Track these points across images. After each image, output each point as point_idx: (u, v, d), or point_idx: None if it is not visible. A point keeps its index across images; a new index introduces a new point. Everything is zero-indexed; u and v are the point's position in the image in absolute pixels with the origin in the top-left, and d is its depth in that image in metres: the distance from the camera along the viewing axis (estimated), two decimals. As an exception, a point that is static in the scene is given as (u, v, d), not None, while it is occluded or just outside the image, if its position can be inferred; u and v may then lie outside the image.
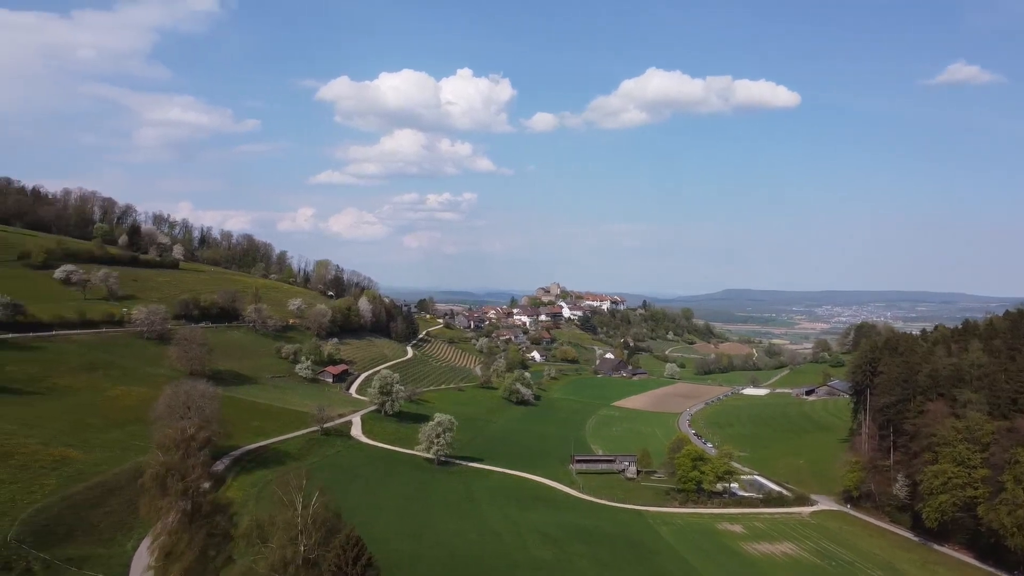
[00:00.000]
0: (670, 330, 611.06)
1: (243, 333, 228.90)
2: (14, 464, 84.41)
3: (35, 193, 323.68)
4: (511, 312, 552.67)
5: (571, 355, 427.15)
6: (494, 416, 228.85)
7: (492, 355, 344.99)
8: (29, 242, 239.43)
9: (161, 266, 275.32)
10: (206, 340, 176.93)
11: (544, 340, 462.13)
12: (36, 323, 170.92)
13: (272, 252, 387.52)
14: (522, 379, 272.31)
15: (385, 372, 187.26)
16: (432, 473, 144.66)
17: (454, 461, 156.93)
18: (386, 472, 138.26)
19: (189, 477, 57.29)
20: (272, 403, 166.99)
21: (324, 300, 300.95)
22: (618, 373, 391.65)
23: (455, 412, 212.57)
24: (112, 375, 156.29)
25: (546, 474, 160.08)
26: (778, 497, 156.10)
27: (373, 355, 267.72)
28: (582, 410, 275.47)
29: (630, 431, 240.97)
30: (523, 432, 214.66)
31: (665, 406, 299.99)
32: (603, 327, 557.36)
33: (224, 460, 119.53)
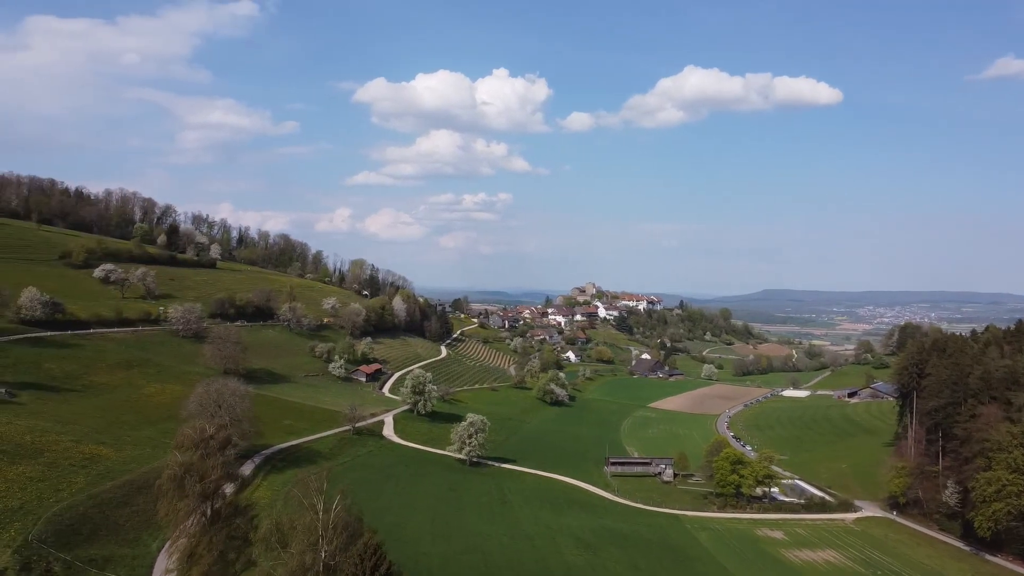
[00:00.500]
0: (708, 331, 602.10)
1: (278, 332, 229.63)
2: (44, 461, 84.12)
3: (78, 194, 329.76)
4: (546, 312, 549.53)
5: (606, 355, 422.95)
6: (528, 417, 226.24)
7: (526, 355, 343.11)
8: (71, 242, 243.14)
9: (198, 265, 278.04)
10: (240, 338, 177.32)
11: (579, 340, 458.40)
12: (74, 321, 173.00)
13: (308, 252, 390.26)
14: (556, 379, 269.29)
15: (418, 371, 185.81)
16: (464, 474, 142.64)
17: (487, 462, 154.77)
18: (418, 472, 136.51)
19: (208, 478, 55.75)
20: (304, 402, 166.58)
21: (359, 299, 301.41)
22: (654, 374, 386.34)
23: (488, 412, 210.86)
24: (148, 373, 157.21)
25: (580, 476, 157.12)
26: (820, 503, 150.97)
27: (407, 354, 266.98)
28: (617, 411, 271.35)
29: (666, 433, 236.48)
30: (557, 433, 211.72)
31: (702, 408, 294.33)
32: (639, 327, 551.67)
33: (255, 459, 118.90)
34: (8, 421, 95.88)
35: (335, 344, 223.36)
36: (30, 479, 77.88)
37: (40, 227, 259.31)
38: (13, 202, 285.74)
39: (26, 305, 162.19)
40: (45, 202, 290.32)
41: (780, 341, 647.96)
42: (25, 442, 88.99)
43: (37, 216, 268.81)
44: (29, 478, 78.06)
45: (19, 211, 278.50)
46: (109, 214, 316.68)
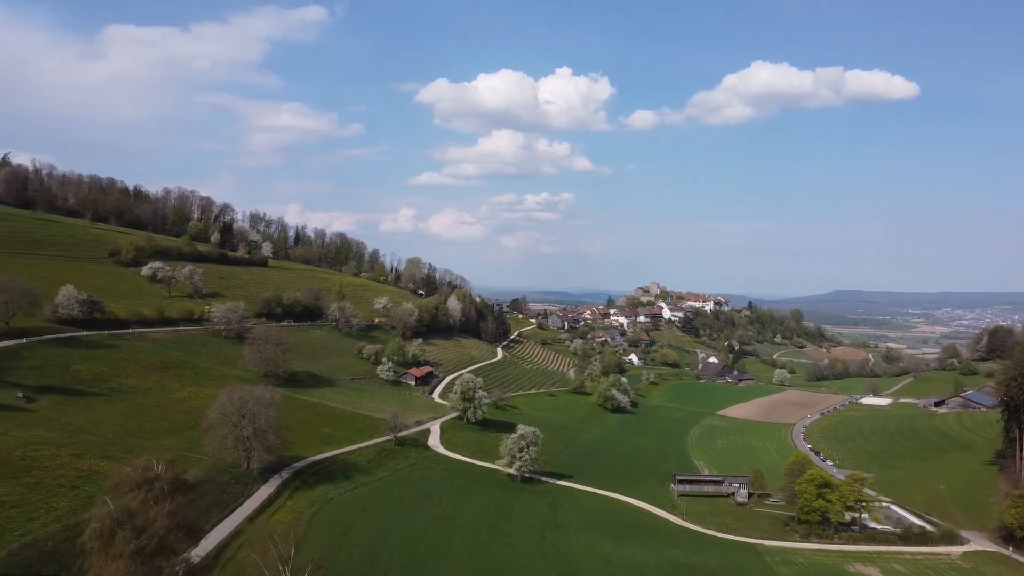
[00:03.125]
0: (778, 333, 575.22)
1: (326, 332, 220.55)
2: (28, 481, 74.17)
3: (136, 192, 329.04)
4: (608, 312, 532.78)
5: (671, 358, 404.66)
6: (587, 425, 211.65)
7: (586, 357, 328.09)
8: (121, 239, 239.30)
9: (250, 263, 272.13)
10: (281, 339, 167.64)
11: (642, 342, 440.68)
12: (113, 320, 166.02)
13: (364, 250, 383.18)
14: (618, 384, 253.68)
15: (467, 376, 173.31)
16: (514, 492, 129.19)
17: (540, 478, 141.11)
18: (462, 490, 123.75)
19: (149, 531, 43.58)
20: (346, 408, 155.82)
21: (412, 299, 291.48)
22: (722, 378, 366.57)
23: (545, 419, 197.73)
24: (184, 375, 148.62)
25: (644, 496, 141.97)
26: (920, 533, 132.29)
27: (460, 356, 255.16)
28: (684, 419, 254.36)
29: (737, 445, 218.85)
30: (618, 444, 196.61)
31: (775, 416, 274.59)
32: (706, 329, 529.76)
33: (283, 473, 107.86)
34: (3, 432, 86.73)
35: (384, 346, 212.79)
36: (2, 504, 67.61)
37: (93, 225, 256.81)
38: (70, 200, 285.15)
39: (63, 304, 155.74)
40: (101, 200, 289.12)
41: (854, 344, 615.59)
42: (14, 458, 79.35)
43: (92, 214, 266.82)
44: (1, 503, 67.88)
45: (76, 209, 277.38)
46: (165, 212, 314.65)
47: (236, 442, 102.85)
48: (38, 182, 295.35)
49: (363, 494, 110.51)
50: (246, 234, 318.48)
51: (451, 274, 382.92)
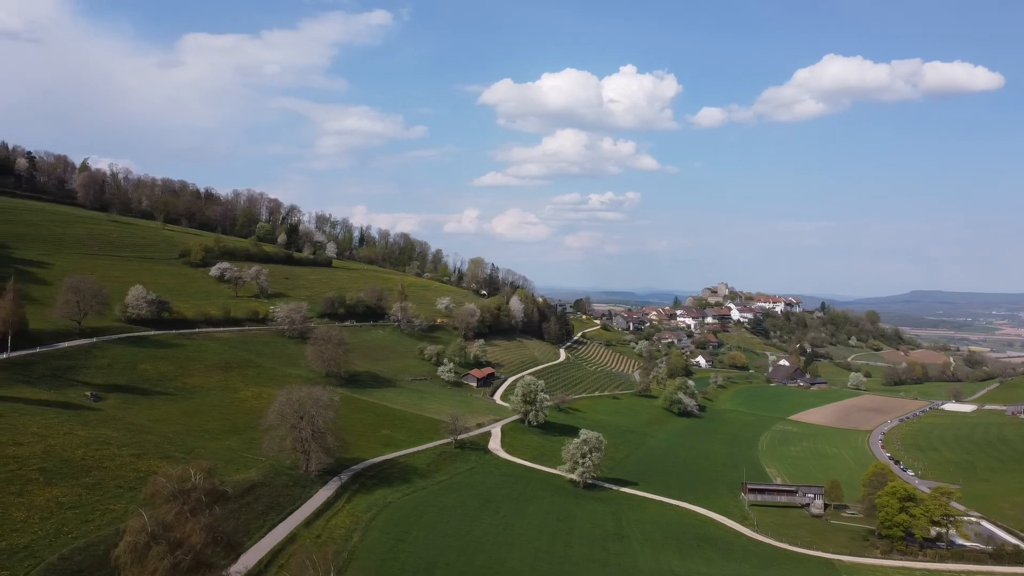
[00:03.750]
0: (852, 335, 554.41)
1: (388, 332, 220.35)
2: (86, 482, 73.99)
3: (207, 195, 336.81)
4: (674, 313, 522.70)
5: (740, 361, 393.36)
6: (652, 429, 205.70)
7: (652, 360, 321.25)
8: (191, 240, 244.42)
9: (314, 264, 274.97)
10: (343, 339, 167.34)
11: (710, 344, 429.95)
12: (180, 320, 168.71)
13: (428, 251, 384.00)
14: (685, 387, 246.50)
15: (529, 378, 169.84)
16: (576, 500, 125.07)
17: (603, 485, 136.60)
18: (523, 496, 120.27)
19: (185, 546, 41.37)
20: (406, 409, 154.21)
21: (475, 299, 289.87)
22: (794, 382, 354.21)
23: (608, 423, 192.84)
24: (247, 375, 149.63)
25: (712, 505, 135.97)
26: (1014, 551, 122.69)
27: (522, 357, 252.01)
28: (754, 424, 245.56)
29: (811, 452, 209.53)
30: (685, 449, 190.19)
31: (851, 421, 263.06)
32: (776, 331, 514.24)
33: (342, 475, 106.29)
34: (68, 431, 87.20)
35: (446, 346, 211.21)
36: (60, 505, 67.40)
37: (164, 226, 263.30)
38: (144, 203, 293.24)
39: (132, 303, 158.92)
40: (173, 203, 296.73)
41: (934, 347, 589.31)
42: (75, 457, 79.49)
43: (164, 216, 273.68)
44: (59, 504, 67.63)
45: (149, 211, 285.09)
46: (234, 214, 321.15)
47: (295, 444, 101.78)
48: (115, 186, 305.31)
49: (421, 498, 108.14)
50: (311, 235, 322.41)
51: (514, 274, 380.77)
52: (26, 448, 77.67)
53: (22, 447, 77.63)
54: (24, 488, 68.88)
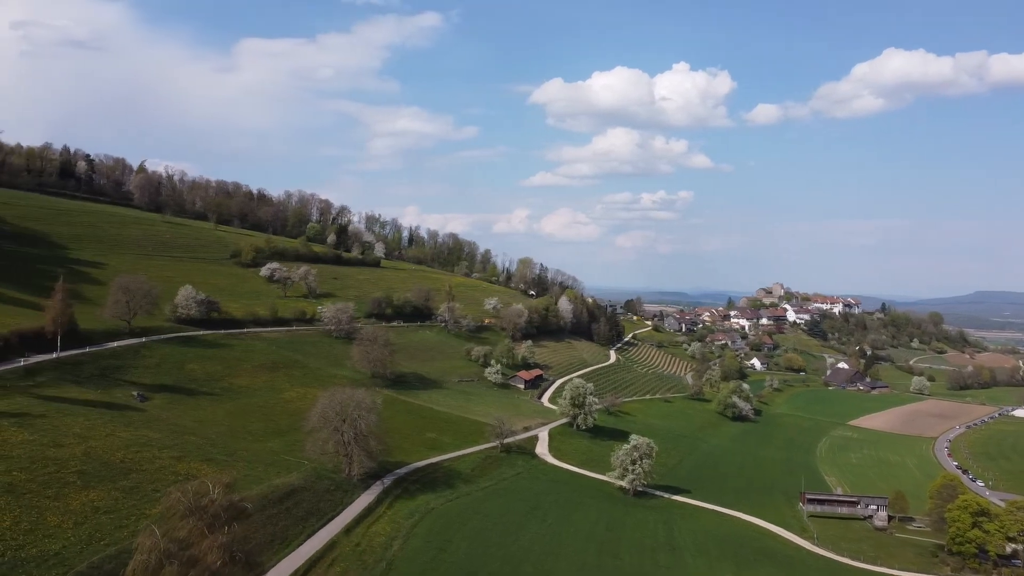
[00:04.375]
0: (914, 337, 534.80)
1: (435, 333, 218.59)
2: (124, 486, 72.78)
3: (260, 196, 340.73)
4: (728, 314, 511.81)
5: (797, 363, 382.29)
6: (706, 434, 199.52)
7: (705, 362, 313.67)
8: (242, 241, 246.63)
9: (362, 264, 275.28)
10: (389, 340, 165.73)
11: (765, 346, 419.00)
12: (229, 320, 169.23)
13: (476, 251, 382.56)
14: (739, 391, 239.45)
15: (577, 381, 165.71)
16: (626, 507, 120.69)
17: (654, 492, 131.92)
18: (571, 503, 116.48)
19: (200, 565, 38.80)
20: (452, 411, 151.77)
21: (523, 299, 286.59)
22: (853, 386, 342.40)
23: (660, 427, 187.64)
24: (293, 375, 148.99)
25: (769, 515, 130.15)
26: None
27: (571, 359, 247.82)
28: (811, 429, 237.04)
29: (873, 459, 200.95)
30: (740, 455, 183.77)
31: (914, 428, 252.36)
32: (834, 333, 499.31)
33: (384, 480, 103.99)
34: (110, 433, 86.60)
35: (493, 347, 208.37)
36: (95, 509, 66.12)
37: (217, 227, 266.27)
38: (197, 204, 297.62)
39: (181, 303, 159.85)
40: (226, 204, 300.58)
41: (1001, 350, 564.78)
42: (115, 459, 78.52)
43: (217, 217, 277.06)
44: (95, 508, 66.36)
45: (202, 212, 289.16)
46: (285, 215, 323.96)
47: (337, 447, 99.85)
48: (170, 187, 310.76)
49: (465, 504, 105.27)
50: (361, 235, 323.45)
51: (563, 274, 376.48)
52: (66, 450, 76.98)
53: (63, 449, 76.98)
54: (61, 491, 67.88)
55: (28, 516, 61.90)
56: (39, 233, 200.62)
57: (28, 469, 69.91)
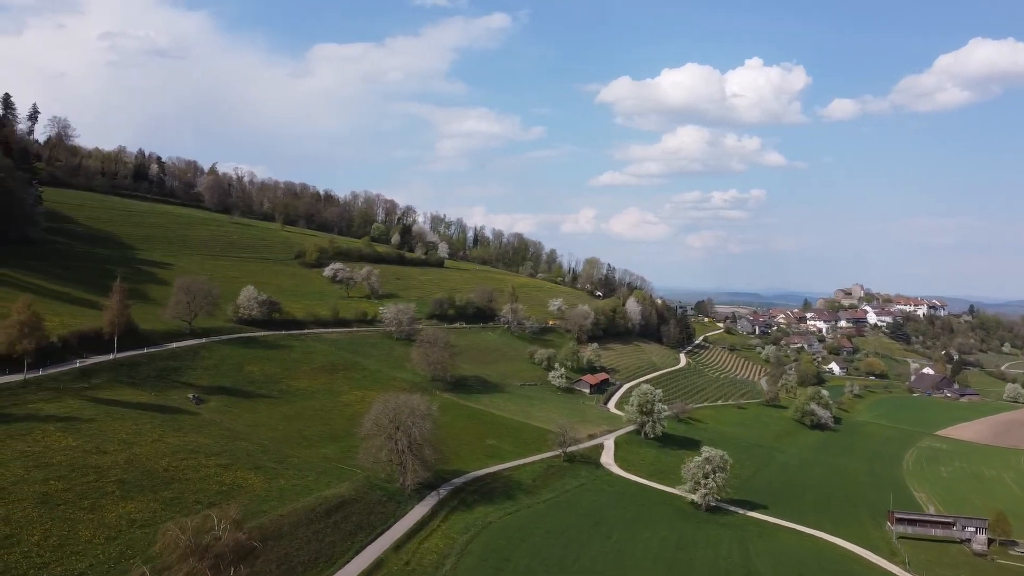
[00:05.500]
0: (1006, 341, 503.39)
1: (497, 335, 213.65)
2: (165, 496, 69.56)
3: (326, 196, 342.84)
4: (803, 316, 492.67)
5: (878, 368, 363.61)
6: (782, 443, 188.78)
7: (780, 366, 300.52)
8: (307, 241, 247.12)
9: (425, 264, 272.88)
10: (450, 342, 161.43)
11: (844, 350, 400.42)
12: (290, 321, 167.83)
13: (541, 251, 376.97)
14: (818, 397, 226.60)
15: (645, 387, 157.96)
16: (697, 524, 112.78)
17: (727, 507, 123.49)
18: (637, 519, 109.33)
19: None
20: (514, 417, 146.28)
21: (589, 300, 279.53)
22: (940, 392, 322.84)
23: (733, 435, 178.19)
24: (352, 378, 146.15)
25: (854, 536, 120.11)
26: None
27: (639, 362, 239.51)
28: (896, 439, 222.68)
29: (966, 473, 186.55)
30: (819, 467, 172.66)
31: (1010, 439, 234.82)
32: (918, 336, 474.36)
33: (441, 490, 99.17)
34: (158, 438, 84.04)
35: (557, 350, 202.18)
36: (131, 523, 62.85)
37: (283, 228, 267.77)
38: (265, 205, 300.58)
39: (243, 304, 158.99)
40: (293, 204, 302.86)
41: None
42: (158, 468, 75.57)
43: (283, 218, 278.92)
44: (131, 521, 63.12)
45: (269, 213, 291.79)
46: (351, 215, 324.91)
47: (390, 455, 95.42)
48: (240, 189, 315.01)
49: (525, 518, 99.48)
50: (424, 235, 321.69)
51: (630, 274, 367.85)
52: (109, 457, 74.42)
53: (106, 456, 74.44)
54: (97, 503, 64.95)
55: (59, 529, 59.00)
56: (110, 234, 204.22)
57: (66, 478, 67.38)
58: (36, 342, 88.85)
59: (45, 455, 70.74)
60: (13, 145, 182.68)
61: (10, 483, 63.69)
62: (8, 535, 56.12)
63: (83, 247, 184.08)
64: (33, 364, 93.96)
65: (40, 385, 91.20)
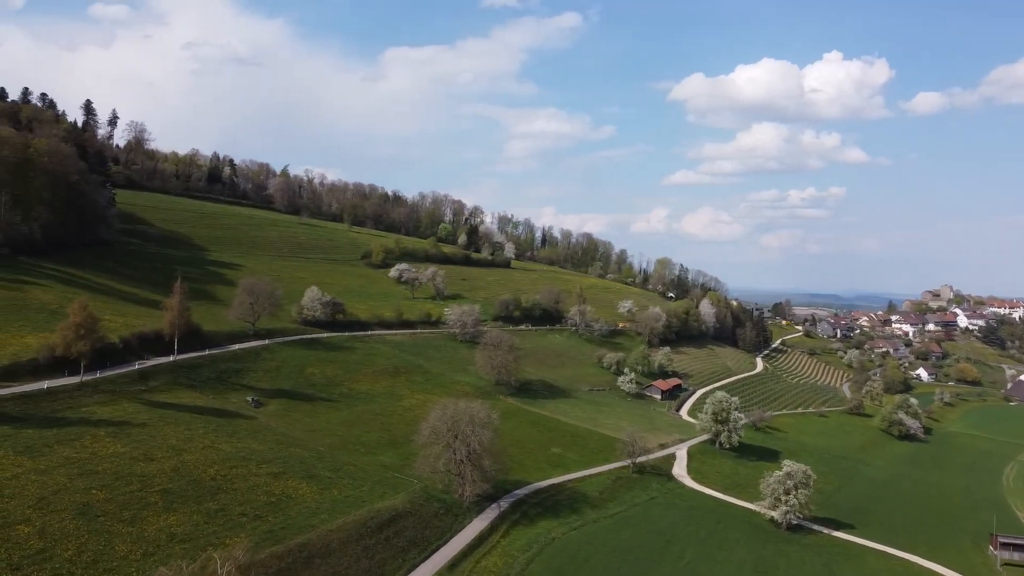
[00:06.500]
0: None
1: (565, 337, 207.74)
2: (210, 508, 66.46)
3: (394, 197, 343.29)
4: (888, 319, 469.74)
5: (971, 375, 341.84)
6: (868, 455, 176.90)
7: (864, 371, 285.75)
8: (374, 242, 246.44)
9: (492, 265, 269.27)
10: (514, 345, 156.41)
11: (932, 355, 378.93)
12: (354, 322, 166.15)
13: (611, 251, 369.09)
14: (906, 405, 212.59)
15: (720, 395, 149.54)
16: (777, 544, 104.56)
17: (810, 526, 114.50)
18: (713, 537, 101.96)
19: None
20: (580, 424, 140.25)
21: (661, 302, 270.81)
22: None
23: (815, 447, 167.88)
24: (414, 381, 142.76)
25: (951, 561, 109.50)
26: None
27: (713, 367, 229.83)
28: (993, 452, 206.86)
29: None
30: (910, 482, 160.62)
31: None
32: (1015, 341, 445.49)
33: (501, 502, 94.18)
34: (209, 444, 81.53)
35: (627, 353, 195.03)
36: (171, 537, 59.75)
37: (351, 228, 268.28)
38: (333, 206, 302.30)
39: (307, 305, 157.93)
40: (361, 205, 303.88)
41: None
42: (205, 477, 72.72)
43: (351, 219, 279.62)
44: (171, 535, 60.02)
45: (338, 214, 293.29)
46: (418, 216, 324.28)
47: (448, 465, 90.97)
48: (310, 191, 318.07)
49: (590, 534, 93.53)
50: (491, 236, 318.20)
51: (704, 275, 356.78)
52: (156, 465, 71.95)
53: (152, 463, 72.01)
54: (138, 514, 62.18)
55: (95, 544, 56.27)
56: (182, 235, 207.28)
57: (109, 487, 64.95)
58: (91, 344, 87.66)
59: (91, 462, 68.68)
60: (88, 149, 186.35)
61: (51, 492, 61.59)
62: (41, 550, 53.69)
63: (154, 248, 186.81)
64: (91, 366, 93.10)
65: (96, 387, 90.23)
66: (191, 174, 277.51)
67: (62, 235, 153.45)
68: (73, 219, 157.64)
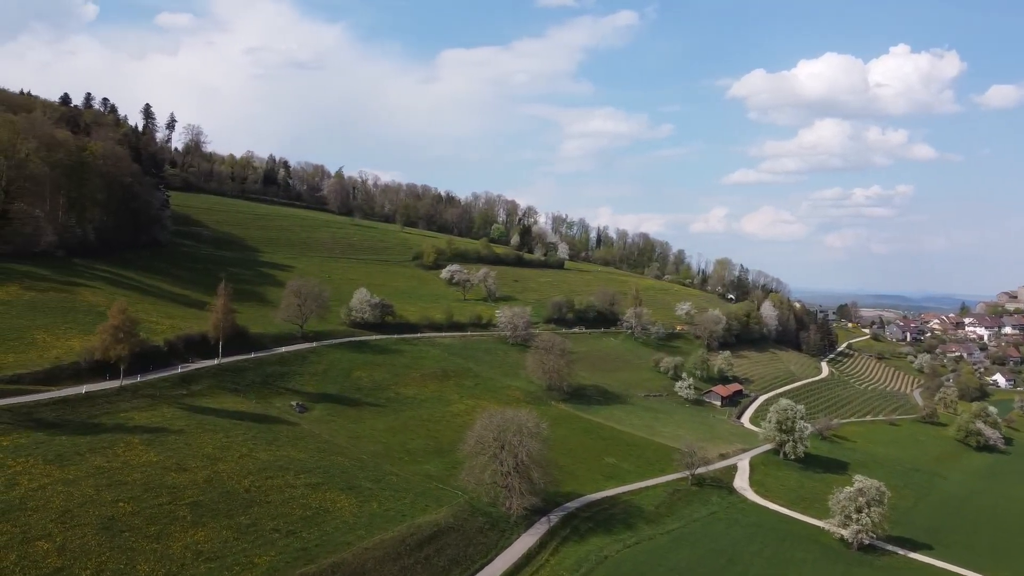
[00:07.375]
0: None
1: (620, 341, 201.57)
2: (241, 522, 63.09)
3: (447, 198, 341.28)
4: (961, 322, 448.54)
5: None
6: (944, 468, 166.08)
7: (936, 377, 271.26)
8: (425, 243, 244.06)
9: (545, 266, 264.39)
10: (567, 348, 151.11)
11: (1011, 359, 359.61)
12: (403, 324, 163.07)
13: (668, 251, 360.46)
14: (985, 415, 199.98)
15: (785, 403, 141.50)
16: (848, 567, 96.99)
17: (883, 546, 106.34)
18: (777, 557, 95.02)
19: None
20: (636, 432, 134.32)
21: (720, 304, 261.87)
22: None
23: (886, 458, 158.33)
24: (463, 386, 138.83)
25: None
26: None
27: (776, 372, 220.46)
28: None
29: None
30: (991, 497, 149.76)
31: None
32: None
33: (551, 516, 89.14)
34: (247, 453, 78.57)
35: (685, 357, 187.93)
36: (197, 555, 56.43)
37: (403, 229, 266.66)
38: (386, 207, 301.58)
39: (356, 307, 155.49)
40: (413, 206, 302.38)
41: None
42: (238, 488, 69.54)
43: (404, 219, 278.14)
44: (197, 553, 56.72)
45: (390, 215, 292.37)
46: (471, 216, 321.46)
47: (494, 477, 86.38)
48: (363, 192, 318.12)
49: (646, 552, 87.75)
50: (545, 236, 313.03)
51: (765, 276, 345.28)
52: (189, 475, 69.03)
53: (185, 473, 69.13)
54: (165, 529, 59.11)
55: (116, 562, 53.22)
56: (236, 237, 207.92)
57: (137, 499, 62.11)
58: (130, 347, 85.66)
59: (121, 472, 66.09)
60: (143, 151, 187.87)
61: (76, 504, 59.02)
62: (59, 568, 50.88)
63: (207, 250, 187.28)
64: (134, 369, 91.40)
65: (136, 392, 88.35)
66: (247, 176, 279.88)
67: (116, 237, 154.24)
68: (127, 221, 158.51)
